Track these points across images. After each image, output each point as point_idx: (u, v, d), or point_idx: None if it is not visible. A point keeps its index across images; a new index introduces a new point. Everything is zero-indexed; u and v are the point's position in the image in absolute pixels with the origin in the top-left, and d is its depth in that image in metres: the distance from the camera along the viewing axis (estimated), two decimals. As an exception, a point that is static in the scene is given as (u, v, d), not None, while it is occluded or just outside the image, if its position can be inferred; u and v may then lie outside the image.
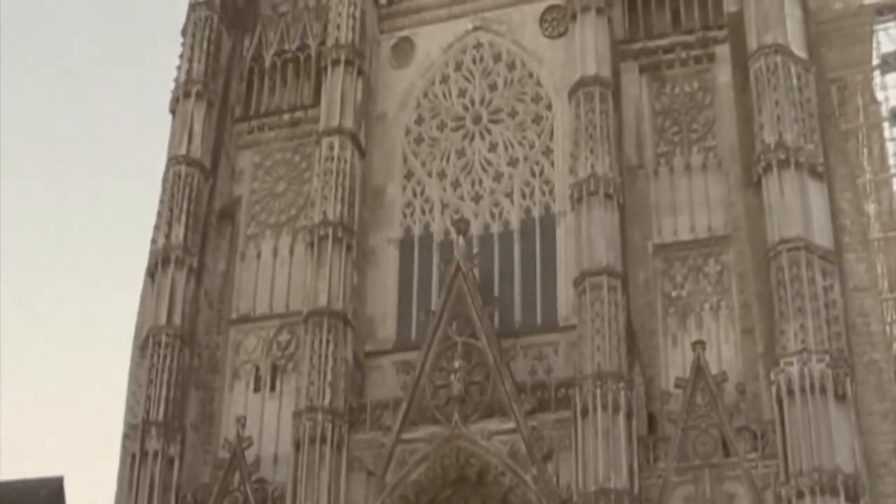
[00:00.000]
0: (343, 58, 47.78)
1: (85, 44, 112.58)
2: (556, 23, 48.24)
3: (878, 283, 44.62)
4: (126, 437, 44.44)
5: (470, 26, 49.43)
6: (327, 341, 42.71)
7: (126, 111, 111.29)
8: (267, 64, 51.16)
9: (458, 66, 48.92)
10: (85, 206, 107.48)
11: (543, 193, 45.81)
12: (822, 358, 37.16)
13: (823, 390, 36.83)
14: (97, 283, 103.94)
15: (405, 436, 41.36)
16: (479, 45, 49.03)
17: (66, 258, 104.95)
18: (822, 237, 39.42)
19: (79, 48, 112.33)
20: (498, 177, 46.55)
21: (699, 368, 39.51)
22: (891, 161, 52.48)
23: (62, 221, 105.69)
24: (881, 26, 52.19)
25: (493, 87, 48.09)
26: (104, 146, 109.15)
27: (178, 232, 45.96)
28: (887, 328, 44.94)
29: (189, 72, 49.19)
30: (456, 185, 46.91)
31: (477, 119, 47.69)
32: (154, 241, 46.78)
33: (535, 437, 40.03)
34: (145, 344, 44.58)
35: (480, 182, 46.72)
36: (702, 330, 41.31)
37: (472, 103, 48.07)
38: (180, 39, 50.82)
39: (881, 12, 51.84)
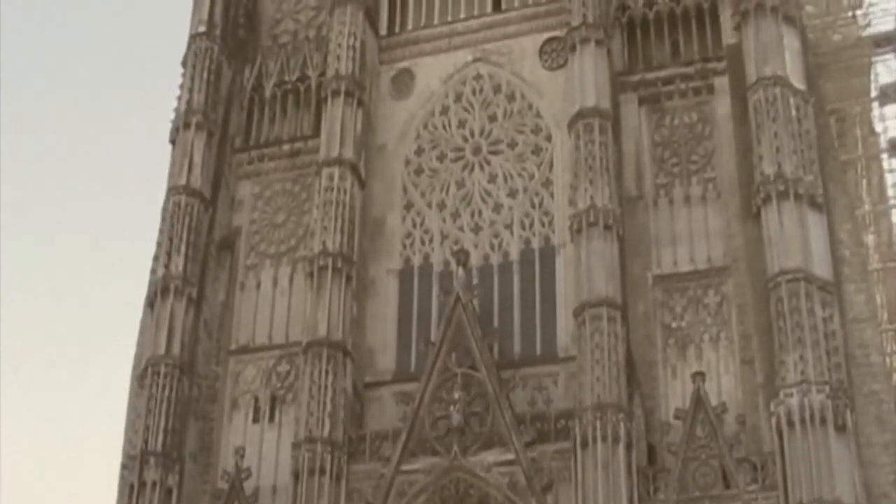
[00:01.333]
0: (343, 89, 47.88)
1: (85, 74, 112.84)
2: (555, 55, 48.34)
3: (877, 314, 44.67)
4: (124, 467, 44.24)
5: (470, 58, 49.53)
6: (327, 372, 42.64)
7: (126, 141, 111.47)
8: (267, 94, 51.23)
9: (458, 98, 49.01)
10: (85, 235, 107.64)
11: (543, 225, 45.82)
12: (821, 389, 37.11)
13: (823, 421, 36.76)
14: (97, 312, 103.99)
15: (404, 467, 41.20)
16: (478, 77, 49.12)
17: (65, 288, 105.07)
18: (821, 268, 39.44)
19: (79, 78, 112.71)
20: (497, 208, 46.58)
21: (699, 400, 39.45)
22: (890, 192, 52.64)
23: (62, 250, 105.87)
24: (879, 58, 52.53)
25: (492, 119, 48.17)
26: (104, 176, 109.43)
27: (178, 262, 45.91)
28: (887, 359, 44.97)
29: (189, 102, 49.23)
30: (456, 216, 46.93)
31: (476, 150, 47.76)
32: (153, 271, 46.74)
33: (534, 469, 39.90)
34: (144, 374, 44.45)
35: (480, 213, 46.74)
36: (701, 361, 41.26)
37: (472, 134, 48.13)
38: (180, 70, 50.94)
39: (879, 44, 52.17)
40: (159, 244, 47.21)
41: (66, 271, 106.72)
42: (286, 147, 50.10)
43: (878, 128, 53.27)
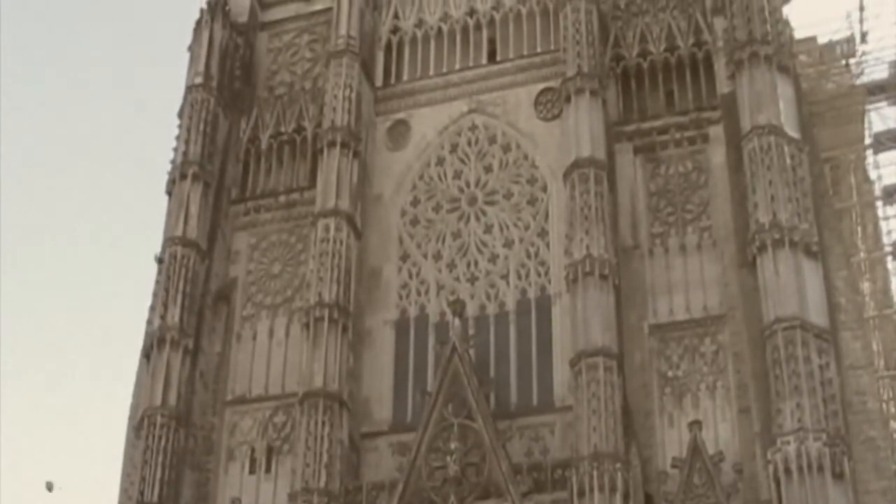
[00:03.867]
0: (339, 140, 47.98)
1: (81, 125, 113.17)
2: (550, 105, 48.51)
3: (873, 362, 44.71)
4: (121, 518, 44.21)
5: (465, 108, 49.69)
6: (323, 423, 42.48)
7: (122, 192, 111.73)
8: (263, 146, 51.36)
9: (454, 148, 49.13)
10: (82, 286, 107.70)
11: (539, 275, 45.81)
12: (819, 436, 36.95)
13: (821, 469, 36.59)
14: (93, 363, 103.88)
15: (402, 518, 41.09)
16: (474, 128, 49.26)
17: (61, 339, 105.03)
18: (817, 316, 39.40)
19: (75, 130, 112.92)
20: (493, 258, 46.58)
21: (696, 448, 39.32)
22: (885, 239, 52.79)
23: (58, 301, 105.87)
24: (873, 106, 52.81)
25: (488, 169, 48.26)
26: (100, 227, 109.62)
27: (174, 313, 45.87)
28: (884, 406, 45.01)
29: (186, 153, 49.37)
30: (452, 266, 46.93)
31: (472, 201, 47.83)
32: (150, 322, 46.71)
33: (532, 519, 39.80)
34: (140, 425, 44.30)
35: (476, 263, 46.73)
36: (698, 410, 41.14)
37: (468, 185, 48.21)
38: (177, 121, 51.14)
39: (873, 92, 52.46)
40: (155, 295, 47.16)
41: (62, 322, 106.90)
42: (282, 198, 50.17)
43: (873, 175, 53.48)
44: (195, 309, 46.89)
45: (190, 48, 52.99)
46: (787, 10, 46.55)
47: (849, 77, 53.11)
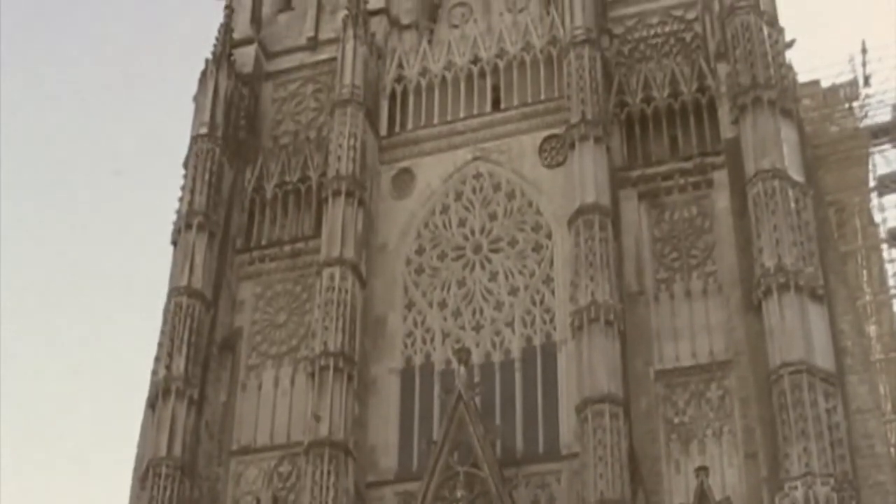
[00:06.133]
0: (344, 189, 48.02)
1: (85, 176, 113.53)
2: (554, 152, 48.52)
3: (881, 405, 44.57)
4: (127, 570, 44.09)
5: (469, 157, 49.72)
6: (328, 472, 42.29)
7: (127, 243, 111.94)
8: (268, 195, 51.44)
9: (459, 196, 49.14)
10: (85, 337, 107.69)
11: (544, 322, 45.69)
12: (826, 481, 36.71)
13: (829, 514, 36.51)
14: (97, 414, 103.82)
15: (408, 567, 40.94)
16: (478, 175, 49.29)
17: (66, 389, 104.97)
18: (823, 360, 39.24)
19: (79, 180, 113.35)
20: (499, 306, 46.48)
21: (703, 494, 39.02)
22: (890, 282, 52.70)
23: (63, 350, 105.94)
24: (877, 149, 52.86)
25: (493, 217, 48.24)
26: (105, 278, 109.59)
27: (179, 363, 45.82)
28: (892, 450, 44.61)
29: (191, 203, 49.45)
30: (457, 314, 46.83)
31: (477, 249, 47.80)
32: (155, 373, 46.63)
33: (539, 567, 39.65)
34: (145, 475, 44.14)
35: (481, 311, 46.64)
36: (705, 455, 40.88)
37: (473, 233, 48.19)
38: (182, 171, 51.30)
39: (876, 135, 52.51)
40: (160, 345, 47.11)
41: (66, 372, 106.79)
42: (287, 248, 50.17)
43: (878, 218, 53.47)
44: (200, 359, 46.82)
45: (195, 98, 53.20)
46: (789, 55, 46.72)
47: (852, 120, 53.18)
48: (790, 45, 47.07)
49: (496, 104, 50.58)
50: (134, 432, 47.53)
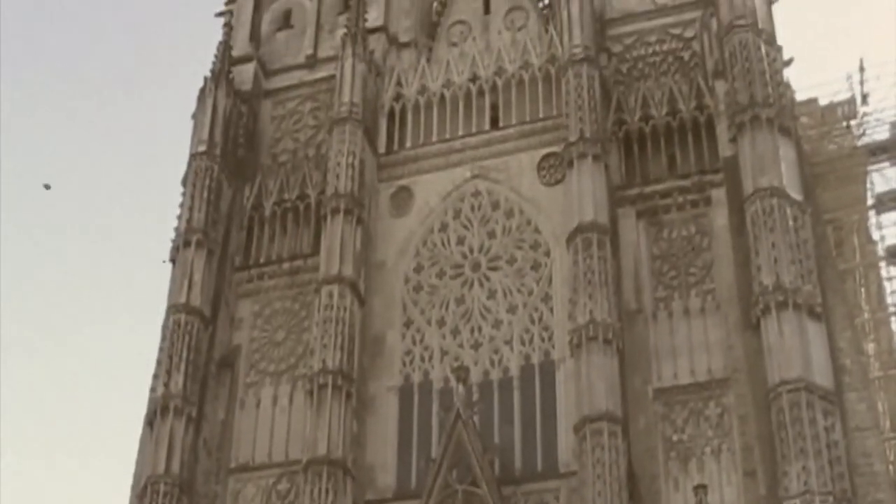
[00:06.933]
0: (342, 206, 48.05)
1: (84, 192, 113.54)
2: (553, 170, 48.56)
3: (879, 423, 44.51)
4: (125, 589, 44.01)
5: (468, 174, 49.77)
6: (327, 490, 42.26)
7: (126, 259, 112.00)
8: (267, 213, 51.47)
9: (457, 214, 49.17)
10: (84, 353, 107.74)
11: (543, 340, 45.68)
12: (825, 499, 36.75)
13: (828, 532, 36.49)
14: (96, 431, 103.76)
15: (407, 586, 40.88)
16: (477, 193, 49.33)
17: (63, 407, 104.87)
18: (822, 377, 39.29)
19: (78, 197, 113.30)
20: (497, 324, 46.48)
21: (702, 512, 39.18)
22: (889, 300, 52.66)
23: (61, 369, 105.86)
24: (874, 167, 52.84)
25: (491, 235, 48.27)
26: (103, 295, 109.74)
27: (178, 380, 45.80)
28: (890, 468, 44.60)
29: (189, 220, 49.51)
30: (455, 332, 46.82)
31: (476, 266, 47.80)
32: (153, 390, 46.61)
33: (537, 585, 39.59)
34: (143, 493, 44.05)
35: (480, 329, 46.64)
36: (703, 473, 40.87)
37: (471, 251, 48.20)
38: (180, 188, 51.34)
39: (874, 153, 52.49)
40: (159, 362, 47.11)
41: (65, 390, 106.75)
42: (286, 265, 50.21)
43: (876, 236, 53.42)
44: (199, 376, 46.81)
45: (194, 116, 53.33)
46: (787, 73, 46.92)
47: (850, 138, 53.19)
48: (788, 63, 47.24)
49: (495, 122, 50.68)
50: (132, 449, 47.62)
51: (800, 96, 49.47)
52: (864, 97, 53.64)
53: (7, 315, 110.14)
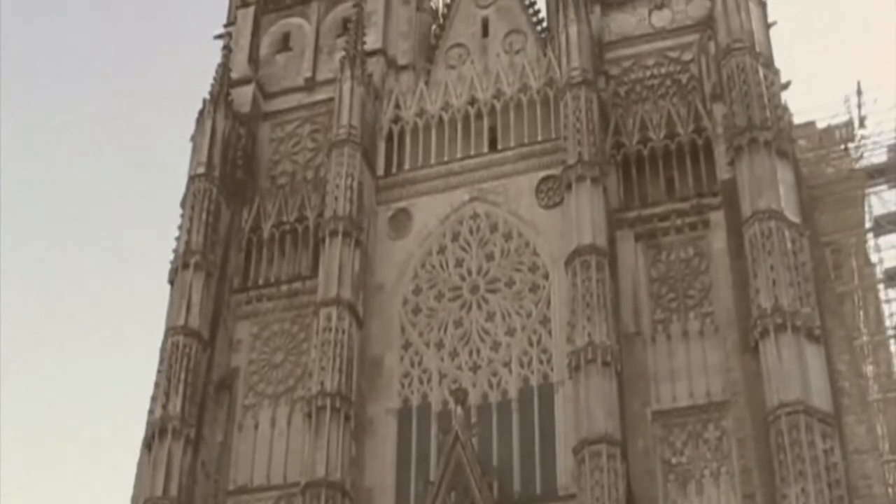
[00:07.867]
0: (341, 229, 48.04)
1: (83, 215, 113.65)
2: (551, 193, 48.60)
3: (878, 445, 44.35)
4: None
5: (467, 197, 49.82)
6: (325, 513, 42.34)
7: (124, 282, 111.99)
8: (265, 235, 51.48)
9: (456, 237, 49.19)
10: (82, 375, 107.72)
11: (541, 362, 45.65)
12: (825, 522, 36.81)
13: (828, 554, 36.45)
14: (94, 453, 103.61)
15: None
16: (475, 216, 49.35)
17: (62, 429, 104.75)
18: (820, 400, 39.27)
19: (76, 219, 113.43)
20: (496, 346, 46.46)
21: (701, 535, 39.18)
22: (887, 322, 52.65)
23: (59, 391, 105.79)
24: (872, 190, 52.84)
25: (490, 257, 48.28)
26: (101, 317, 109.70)
27: (176, 402, 45.71)
28: (889, 490, 44.53)
29: (188, 243, 49.48)
30: (454, 354, 46.77)
31: (474, 289, 47.80)
32: (151, 412, 46.51)
33: None
34: (142, 515, 44.14)
35: (478, 352, 46.60)
36: (702, 496, 40.86)
37: (470, 273, 48.20)
38: (179, 211, 51.36)
39: (872, 176, 52.49)
40: (157, 385, 47.02)
41: (64, 412, 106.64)
42: (284, 287, 50.19)
43: (874, 258, 53.41)
44: (197, 398, 46.73)
45: (192, 138, 53.37)
46: (785, 96, 47.07)
47: (848, 161, 53.19)
48: (786, 86, 47.41)
49: (493, 145, 50.73)
50: (130, 472, 47.50)
51: (797, 119, 49.64)
52: (862, 120, 53.67)
53: (5, 337, 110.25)
